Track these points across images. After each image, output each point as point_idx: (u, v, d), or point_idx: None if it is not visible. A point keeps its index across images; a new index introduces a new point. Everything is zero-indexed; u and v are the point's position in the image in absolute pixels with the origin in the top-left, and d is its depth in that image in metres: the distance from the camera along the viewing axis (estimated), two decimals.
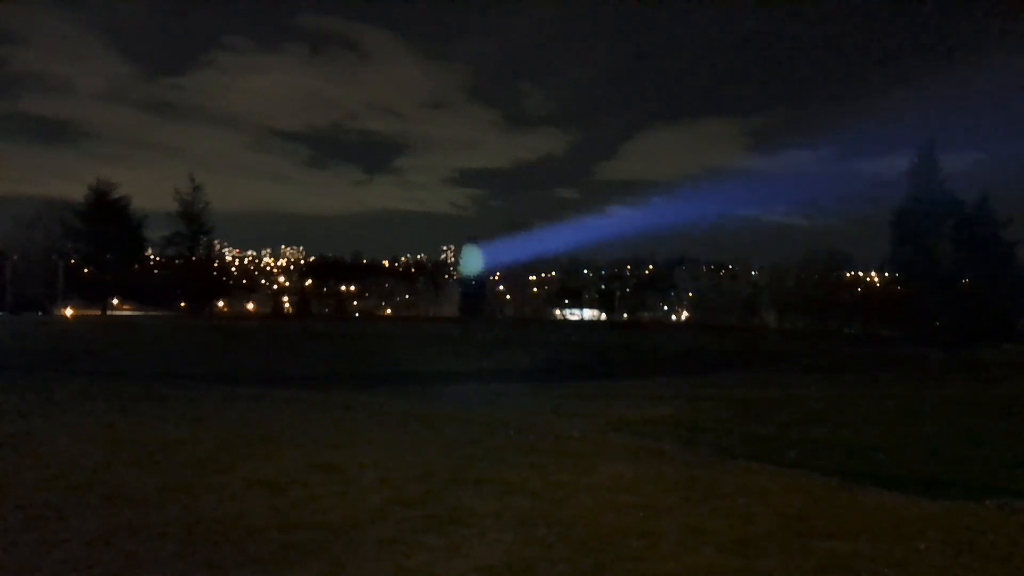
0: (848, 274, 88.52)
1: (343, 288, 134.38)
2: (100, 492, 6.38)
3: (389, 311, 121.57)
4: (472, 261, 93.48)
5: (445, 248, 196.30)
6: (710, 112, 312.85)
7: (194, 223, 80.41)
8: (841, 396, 18.65)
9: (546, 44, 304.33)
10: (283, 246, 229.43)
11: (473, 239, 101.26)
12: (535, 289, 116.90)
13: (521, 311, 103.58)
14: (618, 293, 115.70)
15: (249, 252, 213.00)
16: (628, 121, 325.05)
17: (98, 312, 72.27)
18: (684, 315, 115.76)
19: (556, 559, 4.97)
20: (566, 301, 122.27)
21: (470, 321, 76.90)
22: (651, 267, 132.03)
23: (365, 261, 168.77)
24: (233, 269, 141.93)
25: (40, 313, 68.10)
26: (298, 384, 19.76)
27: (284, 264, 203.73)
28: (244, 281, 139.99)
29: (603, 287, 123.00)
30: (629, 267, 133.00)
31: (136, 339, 38.19)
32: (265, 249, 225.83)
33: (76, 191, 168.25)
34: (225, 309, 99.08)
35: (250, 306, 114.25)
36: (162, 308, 79.88)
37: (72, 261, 76.75)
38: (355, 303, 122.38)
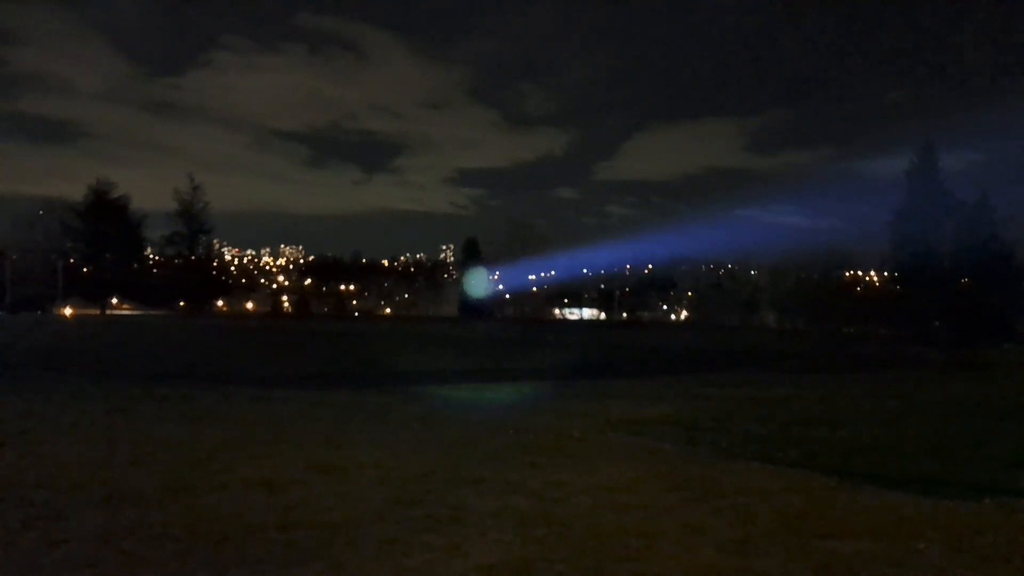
0: (848, 274, 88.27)
1: (343, 288, 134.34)
2: (100, 492, 6.37)
3: (389, 311, 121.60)
4: (478, 284, 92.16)
5: (445, 248, 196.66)
6: (709, 112, 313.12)
7: (193, 223, 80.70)
8: (841, 396, 18.64)
9: (546, 44, 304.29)
10: (283, 246, 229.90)
11: (473, 242, 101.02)
12: (535, 289, 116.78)
13: (521, 311, 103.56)
14: (618, 293, 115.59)
15: (249, 252, 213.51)
16: (628, 121, 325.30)
17: (98, 312, 72.36)
18: (684, 315, 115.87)
19: (556, 559, 4.97)
20: (565, 301, 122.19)
21: (470, 321, 76.89)
22: (651, 267, 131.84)
23: (365, 261, 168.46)
24: (233, 269, 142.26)
25: (40, 313, 68.13)
26: (298, 384, 19.74)
27: (284, 264, 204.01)
28: (243, 280, 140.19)
29: (602, 287, 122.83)
30: (629, 267, 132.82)
31: (136, 339, 38.19)
32: (265, 249, 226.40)
33: (76, 191, 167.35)
34: (224, 308, 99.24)
35: (249, 305, 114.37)
36: (161, 308, 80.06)
37: (72, 261, 76.89)
38: (355, 303, 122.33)
